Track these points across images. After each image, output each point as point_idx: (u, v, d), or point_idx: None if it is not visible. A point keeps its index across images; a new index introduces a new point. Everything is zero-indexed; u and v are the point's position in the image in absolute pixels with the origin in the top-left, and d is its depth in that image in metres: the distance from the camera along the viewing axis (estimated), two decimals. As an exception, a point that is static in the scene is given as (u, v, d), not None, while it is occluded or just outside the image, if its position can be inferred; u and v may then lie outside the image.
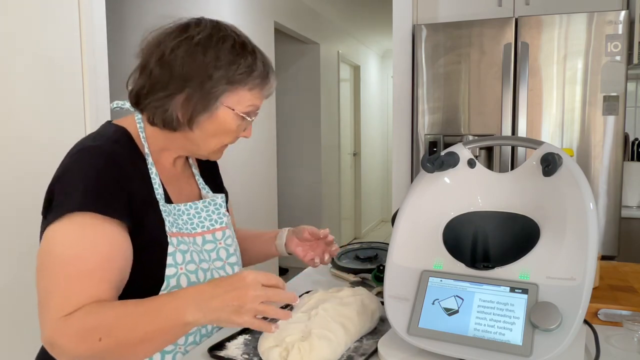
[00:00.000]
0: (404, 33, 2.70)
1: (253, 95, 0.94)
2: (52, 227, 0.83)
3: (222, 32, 0.93)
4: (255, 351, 0.88)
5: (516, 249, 0.84)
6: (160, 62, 0.90)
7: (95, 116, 2.05)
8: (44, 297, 0.82)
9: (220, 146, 0.98)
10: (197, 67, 0.89)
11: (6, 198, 1.69)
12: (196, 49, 0.90)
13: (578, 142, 2.34)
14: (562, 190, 0.82)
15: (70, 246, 0.82)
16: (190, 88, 0.89)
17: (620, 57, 2.24)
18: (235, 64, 0.91)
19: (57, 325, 0.79)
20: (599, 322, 0.99)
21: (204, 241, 1.01)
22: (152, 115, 0.93)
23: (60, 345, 0.78)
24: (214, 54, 0.90)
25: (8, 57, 1.69)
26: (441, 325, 0.79)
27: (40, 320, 0.82)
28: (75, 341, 0.78)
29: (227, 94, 0.92)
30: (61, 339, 0.78)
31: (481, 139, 0.95)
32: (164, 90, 0.90)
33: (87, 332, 0.78)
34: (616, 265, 1.29)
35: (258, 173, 3.81)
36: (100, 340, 0.77)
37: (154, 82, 0.91)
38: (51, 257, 0.82)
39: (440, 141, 2.53)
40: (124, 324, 0.79)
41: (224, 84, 0.90)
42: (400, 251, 0.89)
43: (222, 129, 0.94)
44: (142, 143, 0.96)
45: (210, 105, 0.91)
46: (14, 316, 1.71)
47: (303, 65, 5.09)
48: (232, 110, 0.93)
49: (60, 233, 0.83)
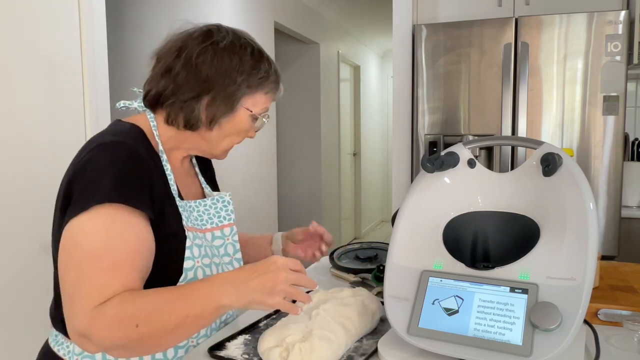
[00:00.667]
0: (404, 33, 2.70)
1: (267, 98, 1.02)
2: (77, 219, 0.83)
3: (242, 39, 0.99)
4: (255, 351, 0.88)
5: (516, 249, 0.84)
6: (186, 65, 0.95)
7: (95, 116, 2.05)
8: (74, 290, 0.81)
9: (231, 146, 1.04)
10: (224, 71, 0.95)
11: (6, 198, 1.69)
12: (222, 53, 0.95)
13: (578, 142, 2.34)
14: (562, 190, 0.82)
15: (100, 238, 0.83)
16: (215, 90, 0.95)
17: (620, 57, 2.24)
18: (256, 69, 0.97)
19: (92, 314, 0.78)
20: (599, 322, 0.99)
21: (213, 237, 1.04)
22: (175, 115, 0.97)
23: (95, 334, 0.78)
24: (238, 59, 0.96)
25: (8, 57, 1.69)
26: (441, 325, 0.79)
27: (69, 312, 0.81)
28: (112, 329, 0.78)
29: (247, 97, 0.98)
30: (97, 328, 0.78)
31: (481, 139, 0.95)
32: (191, 92, 0.95)
33: (124, 320, 0.78)
34: (616, 265, 1.29)
35: (258, 173, 3.81)
36: (137, 326, 0.78)
37: (180, 84, 0.95)
38: (80, 249, 0.82)
39: (440, 141, 2.53)
40: (161, 309, 0.80)
41: (245, 88, 0.97)
42: (400, 251, 0.89)
43: (237, 129, 1.00)
44: (155, 141, 0.98)
45: (233, 107, 0.97)
46: (15, 316, 1.71)
47: (303, 65, 5.09)
48: (249, 112, 0.99)
49: (89, 225, 0.83)
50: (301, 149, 5.18)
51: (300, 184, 5.21)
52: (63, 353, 0.94)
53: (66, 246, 0.84)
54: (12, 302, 1.71)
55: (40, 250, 1.82)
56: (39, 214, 1.81)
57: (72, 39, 1.96)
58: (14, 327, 1.72)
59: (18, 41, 1.73)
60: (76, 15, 1.97)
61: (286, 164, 5.18)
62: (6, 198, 1.69)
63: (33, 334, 1.78)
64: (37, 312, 1.81)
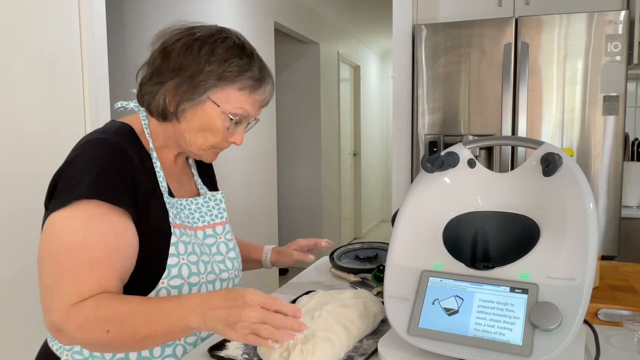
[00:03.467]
0: (404, 33, 2.70)
1: (242, 96, 0.95)
2: (57, 214, 0.85)
3: (224, 34, 0.96)
4: (255, 351, 0.88)
5: (516, 249, 0.84)
6: (161, 52, 0.95)
7: (95, 116, 2.05)
8: (51, 284, 0.83)
9: (207, 145, 0.98)
10: (192, 59, 0.93)
11: (6, 198, 1.69)
12: (194, 43, 0.93)
13: (578, 142, 2.34)
14: (562, 190, 0.82)
15: (77, 234, 0.84)
16: (181, 77, 0.93)
17: (620, 57, 2.24)
18: (228, 62, 0.93)
19: (68, 312, 0.81)
20: (599, 322, 0.99)
21: (205, 235, 1.03)
22: (148, 103, 0.97)
23: (67, 331, 0.81)
24: (209, 49, 0.93)
25: (8, 57, 1.69)
26: (441, 325, 0.79)
27: (45, 305, 0.83)
28: (84, 330, 0.81)
29: (215, 90, 0.94)
30: (70, 325, 0.81)
31: (481, 139, 0.95)
32: (158, 77, 0.94)
33: (96, 323, 0.81)
34: (616, 265, 1.29)
35: (258, 173, 3.81)
36: (108, 332, 0.80)
37: (151, 71, 0.96)
38: (58, 244, 0.84)
39: (440, 141, 2.53)
40: (133, 320, 0.82)
41: (214, 79, 0.93)
42: (400, 251, 0.89)
43: (207, 124, 0.96)
44: (146, 139, 0.99)
45: (197, 96, 0.93)
46: (14, 314, 1.71)
47: (303, 65, 5.08)
48: (217, 106, 0.94)
49: (67, 220, 0.85)
50: (301, 149, 5.18)
51: (300, 184, 5.21)
52: (56, 349, 0.96)
53: (45, 239, 0.86)
54: (11, 300, 1.71)
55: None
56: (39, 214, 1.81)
57: (72, 39, 1.96)
58: (14, 327, 1.72)
59: (18, 41, 1.73)
60: (76, 15, 1.97)
61: (286, 164, 5.18)
62: (6, 198, 1.69)
63: (31, 334, 1.78)
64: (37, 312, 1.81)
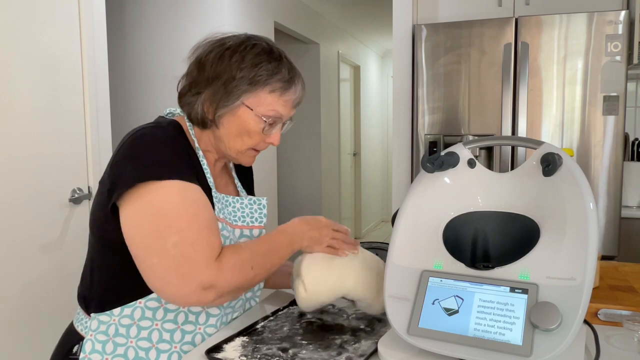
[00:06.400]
0: (404, 33, 2.70)
1: (273, 98, 1.00)
2: (150, 189, 0.89)
3: (253, 40, 1.01)
4: (253, 353, 0.88)
5: (516, 249, 0.84)
6: (197, 64, 1.01)
7: (95, 116, 2.05)
8: (184, 250, 0.88)
9: (245, 148, 1.03)
10: (224, 68, 0.98)
11: (6, 198, 1.69)
12: (226, 52, 0.98)
13: (578, 142, 2.34)
14: (562, 190, 0.82)
15: (186, 203, 0.91)
16: (215, 86, 0.98)
17: (620, 57, 2.24)
18: (258, 67, 0.98)
19: (217, 266, 0.90)
20: (599, 322, 0.99)
21: (241, 234, 1.06)
22: (188, 113, 1.02)
23: (222, 281, 0.89)
24: (239, 57, 0.98)
25: (8, 57, 1.69)
26: (441, 325, 0.79)
27: (183, 272, 0.88)
28: (236, 274, 0.92)
29: (248, 94, 0.98)
30: (224, 275, 0.90)
31: (481, 139, 0.95)
32: (195, 88, 1.00)
33: (242, 265, 0.93)
34: (616, 265, 1.29)
35: (258, 173, 3.81)
36: (252, 268, 0.94)
37: (189, 83, 1.01)
38: (172, 215, 0.89)
39: (440, 141, 2.53)
40: (263, 257, 0.98)
41: (246, 84, 0.97)
42: (400, 251, 0.89)
43: (243, 128, 1.00)
44: (192, 139, 1.03)
45: (231, 102, 0.98)
46: (16, 316, 1.71)
47: (303, 65, 5.08)
48: (251, 110, 0.99)
49: (169, 194, 0.90)
50: (301, 149, 5.18)
51: (300, 184, 5.21)
52: (81, 329, 1.01)
53: (149, 216, 0.89)
54: (10, 302, 1.71)
55: (40, 250, 1.82)
56: (39, 214, 1.81)
57: (72, 39, 1.96)
58: (14, 328, 1.72)
59: (18, 41, 1.73)
60: (76, 15, 1.97)
61: (286, 164, 5.18)
62: (6, 198, 1.69)
63: (29, 335, 1.79)
64: (36, 313, 1.81)
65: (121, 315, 0.96)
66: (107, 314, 0.97)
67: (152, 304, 0.97)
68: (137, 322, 0.97)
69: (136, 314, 0.96)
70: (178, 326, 0.98)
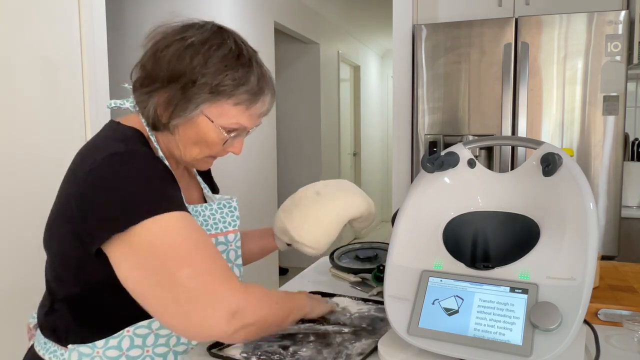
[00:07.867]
0: (404, 33, 2.70)
1: (238, 111, 0.89)
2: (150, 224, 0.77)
3: (219, 39, 0.89)
4: (254, 350, 0.88)
5: (516, 249, 0.84)
6: (153, 57, 0.88)
7: (95, 116, 2.05)
8: (203, 279, 0.78)
9: (202, 156, 0.93)
10: (183, 70, 0.85)
11: (6, 198, 1.69)
12: (186, 51, 0.86)
13: (578, 142, 2.34)
14: (562, 190, 0.82)
15: (191, 234, 0.81)
16: (171, 89, 0.86)
17: (620, 57, 2.24)
18: (222, 74, 0.86)
19: (246, 289, 0.81)
20: (599, 322, 0.99)
21: (217, 242, 1.00)
22: (140, 111, 0.91)
23: (249, 308, 0.80)
24: (202, 59, 0.86)
25: (8, 57, 1.69)
26: (441, 325, 0.79)
27: (206, 301, 0.77)
28: (262, 304, 0.83)
29: (209, 104, 0.87)
30: (251, 302, 0.81)
31: (481, 139, 0.95)
32: (148, 86, 0.88)
33: (268, 296, 0.85)
34: (616, 265, 1.29)
35: (258, 173, 3.81)
36: (277, 303, 0.86)
37: (143, 76, 0.89)
38: (180, 247, 0.79)
39: (440, 141, 2.53)
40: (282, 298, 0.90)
41: (207, 93, 0.86)
42: (400, 251, 0.89)
43: (201, 138, 0.90)
44: (154, 146, 0.92)
45: (189, 110, 0.86)
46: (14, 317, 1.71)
47: (303, 65, 5.09)
48: (211, 121, 0.88)
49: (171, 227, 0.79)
50: (301, 148, 5.18)
51: (300, 184, 5.18)
52: (42, 353, 0.91)
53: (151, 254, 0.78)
54: (10, 306, 1.71)
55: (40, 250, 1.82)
56: (39, 214, 1.81)
57: (72, 39, 1.96)
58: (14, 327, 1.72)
59: (18, 41, 1.73)
60: (76, 15, 1.97)
61: (286, 163, 5.18)
62: (6, 198, 1.69)
63: (33, 334, 1.78)
64: (37, 312, 1.80)
65: (106, 347, 0.87)
66: (89, 346, 0.87)
67: (142, 331, 0.88)
68: (126, 352, 0.88)
69: (124, 344, 0.87)
70: (170, 348, 0.92)
